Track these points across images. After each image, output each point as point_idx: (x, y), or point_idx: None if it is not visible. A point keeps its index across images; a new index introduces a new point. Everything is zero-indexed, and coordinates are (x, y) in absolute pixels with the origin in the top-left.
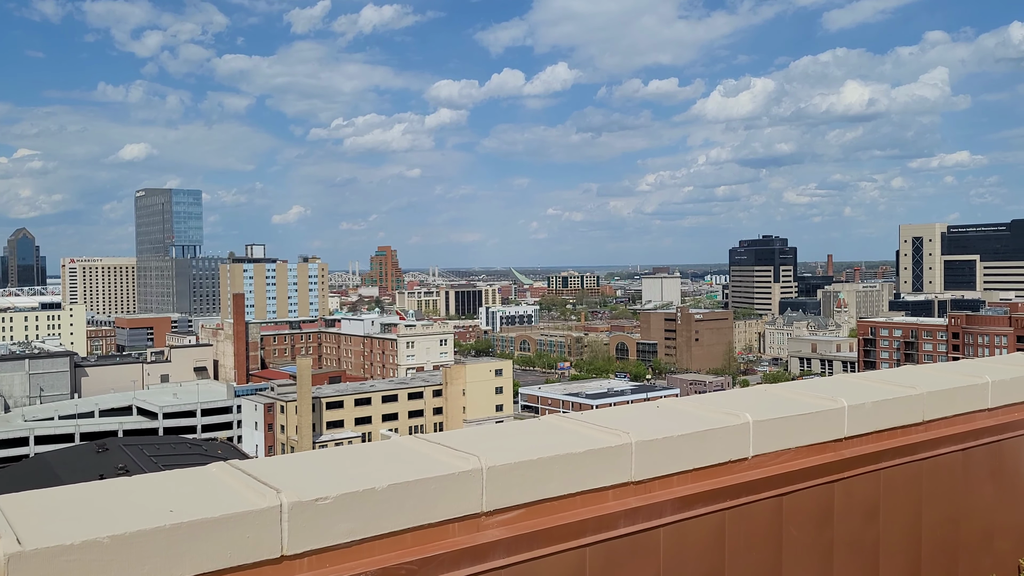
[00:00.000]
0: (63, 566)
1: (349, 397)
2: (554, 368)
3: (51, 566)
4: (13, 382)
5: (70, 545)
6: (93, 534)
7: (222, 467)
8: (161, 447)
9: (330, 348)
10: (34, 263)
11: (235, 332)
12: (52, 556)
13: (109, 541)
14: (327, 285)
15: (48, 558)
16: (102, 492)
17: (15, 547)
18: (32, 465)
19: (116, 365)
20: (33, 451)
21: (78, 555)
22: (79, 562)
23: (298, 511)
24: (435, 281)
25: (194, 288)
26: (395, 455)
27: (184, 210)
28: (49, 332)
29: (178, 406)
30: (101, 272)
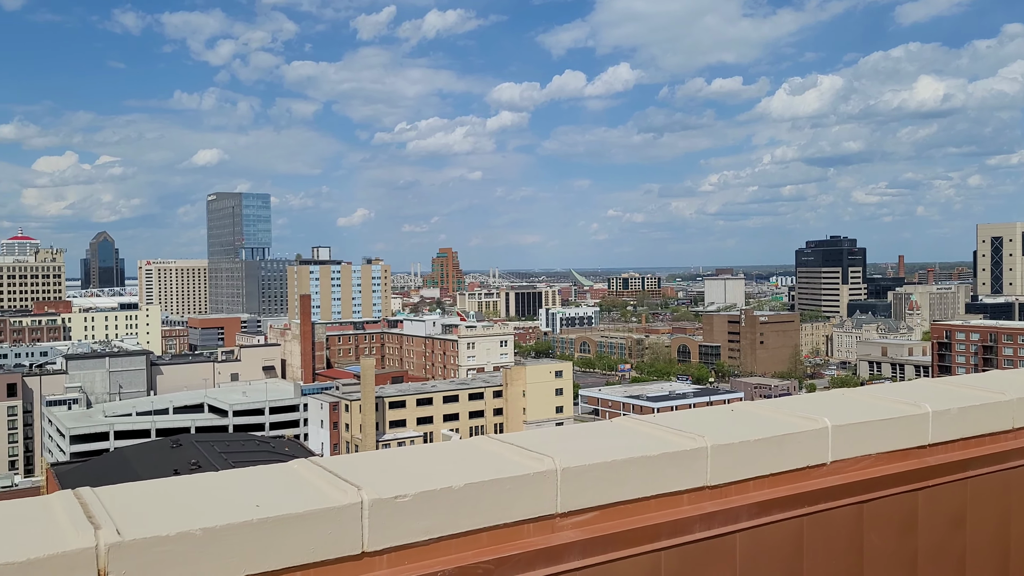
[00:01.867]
0: (158, 556)
1: (411, 397)
2: (614, 370)
3: (147, 556)
4: (95, 379)
5: (165, 536)
6: (186, 526)
7: (304, 463)
8: (231, 444)
9: (392, 348)
10: (114, 265)
11: (302, 332)
12: (149, 546)
13: (201, 533)
14: (390, 286)
15: (145, 548)
16: (192, 486)
17: (115, 537)
18: (112, 459)
19: (189, 364)
20: (113, 445)
21: (172, 546)
22: (173, 553)
23: (378, 508)
24: (495, 283)
25: (262, 289)
26: (469, 455)
27: (253, 213)
28: (127, 331)
29: (247, 404)
30: (175, 274)
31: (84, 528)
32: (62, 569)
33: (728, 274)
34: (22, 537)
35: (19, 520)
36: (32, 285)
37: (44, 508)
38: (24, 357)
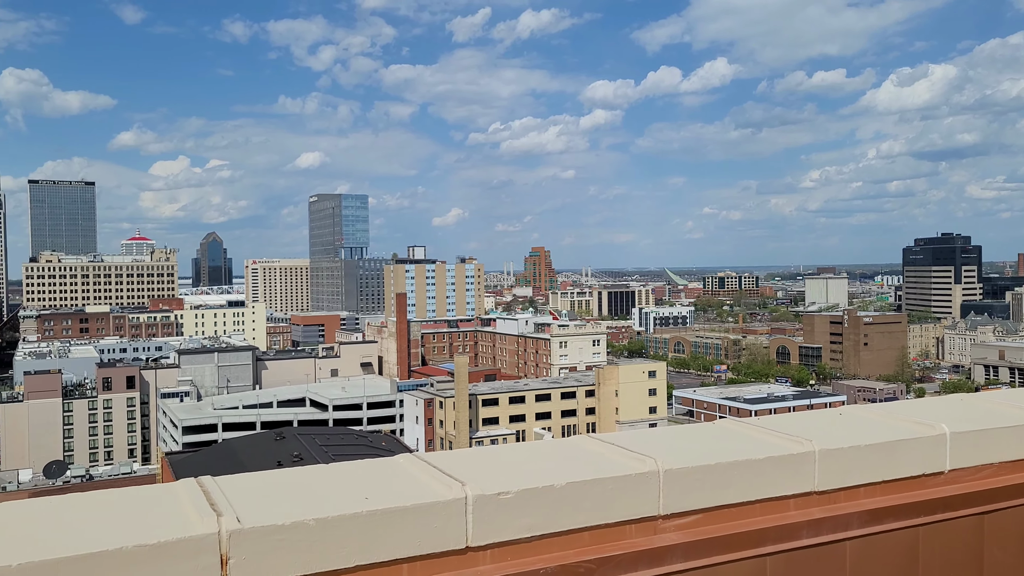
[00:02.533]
0: (275, 544)
1: (504, 395)
2: (710, 371)
3: (265, 543)
4: (204, 373)
5: (281, 525)
6: (301, 516)
7: (409, 458)
8: (331, 437)
9: (485, 347)
10: (222, 264)
11: (398, 330)
12: (267, 534)
13: (314, 523)
14: (483, 285)
15: (263, 536)
16: (304, 477)
17: (236, 524)
18: (221, 450)
19: (291, 359)
20: (221, 437)
21: (288, 535)
22: (288, 541)
23: (482, 504)
24: (588, 281)
25: (361, 287)
26: (570, 454)
27: (352, 214)
28: (235, 328)
29: (346, 399)
30: (279, 272)
31: (207, 515)
32: (189, 553)
33: (830, 273)
34: (152, 521)
35: (148, 505)
36: (148, 283)
37: (170, 495)
38: (141, 352)
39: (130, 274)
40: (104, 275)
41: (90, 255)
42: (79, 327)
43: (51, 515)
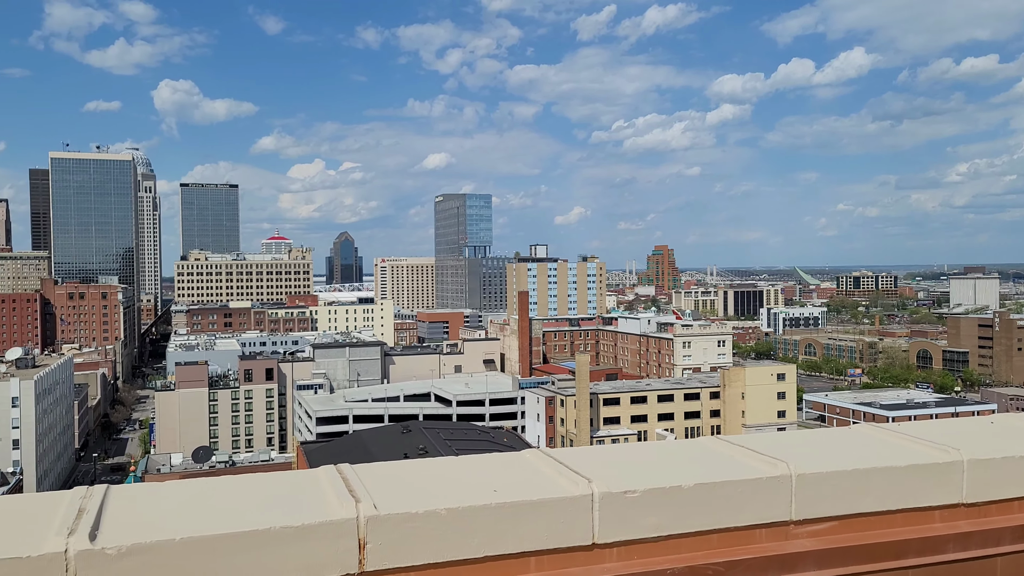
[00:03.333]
0: (408, 531)
1: (625, 395)
2: (843, 375)
3: (400, 530)
4: (336, 367)
5: (415, 513)
6: (433, 505)
7: (536, 453)
8: (455, 432)
9: (607, 346)
10: (353, 262)
11: (519, 328)
12: (401, 521)
13: (446, 513)
14: (604, 284)
15: (398, 523)
16: (435, 468)
17: (373, 511)
18: (351, 440)
19: (417, 355)
20: (352, 428)
21: (421, 523)
22: (422, 529)
23: (608, 501)
24: (713, 281)
25: (484, 286)
26: (698, 455)
27: (476, 213)
28: (364, 324)
29: (469, 395)
30: (406, 270)
31: (347, 500)
32: (330, 536)
33: (979, 272)
34: (296, 504)
35: (292, 489)
36: (285, 280)
37: (312, 480)
38: (279, 345)
39: (269, 272)
40: (246, 272)
41: (233, 254)
42: (223, 321)
43: (208, 495)
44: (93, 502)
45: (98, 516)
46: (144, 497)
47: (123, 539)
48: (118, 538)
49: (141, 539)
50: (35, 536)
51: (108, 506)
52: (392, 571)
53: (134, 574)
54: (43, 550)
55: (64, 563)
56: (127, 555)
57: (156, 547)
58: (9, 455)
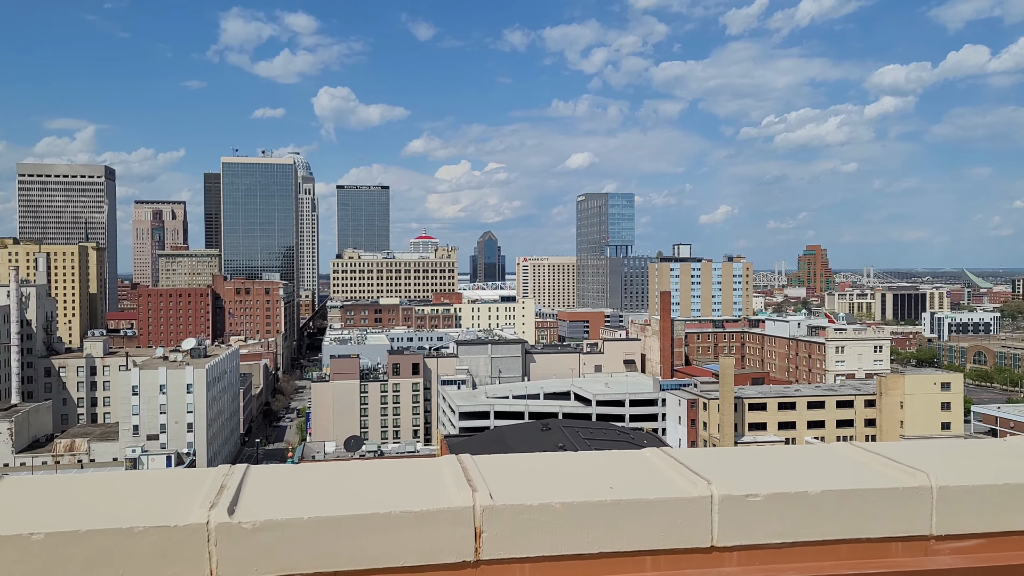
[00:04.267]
0: (522, 523)
1: (772, 400)
2: (1019, 386)
3: (515, 521)
4: (479, 363)
5: (529, 505)
6: (548, 499)
7: (655, 452)
8: (594, 431)
9: (753, 349)
10: (496, 261)
11: (661, 328)
12: (516, 513)
13: (560, 507)
14: (751, 285)
15: (513, 514)
16: (553, 462)
17: (488, 500)
18: (492, 436)
19: (557, 354)
20: (492, 424)
21: (536, 515)
22: (536, 521)
23: (728, 504)
24: (869, 282)
25: (625, 285)
26: (829, 461)
27: (618, 212)
28: (506, 321)
29: (609, 395)
30: (547, 269)
31: (464, 489)
32: (448, 523)
33: None
34: (416, 491)
35: (415, 476)
36: (431, 278)
37: (434, 468)
38: (425, 341)
39: (417, 270)
40: (395, 270)
41: (384, 252)
42: (374, 317)
43: (337, 478)
44: (233, 479)
45: (237, 492)
46: (279, 477)
47: (258, 514)
48: (253, 513)
49: (273, 516)
50: (182, 507)
51: (246, 484)
52: (507, 561)
53: (266, 547)
54: (188, 520)
55: (206, 533)
56: (260, 530)
57: (286, 524)
58: (183, 437)
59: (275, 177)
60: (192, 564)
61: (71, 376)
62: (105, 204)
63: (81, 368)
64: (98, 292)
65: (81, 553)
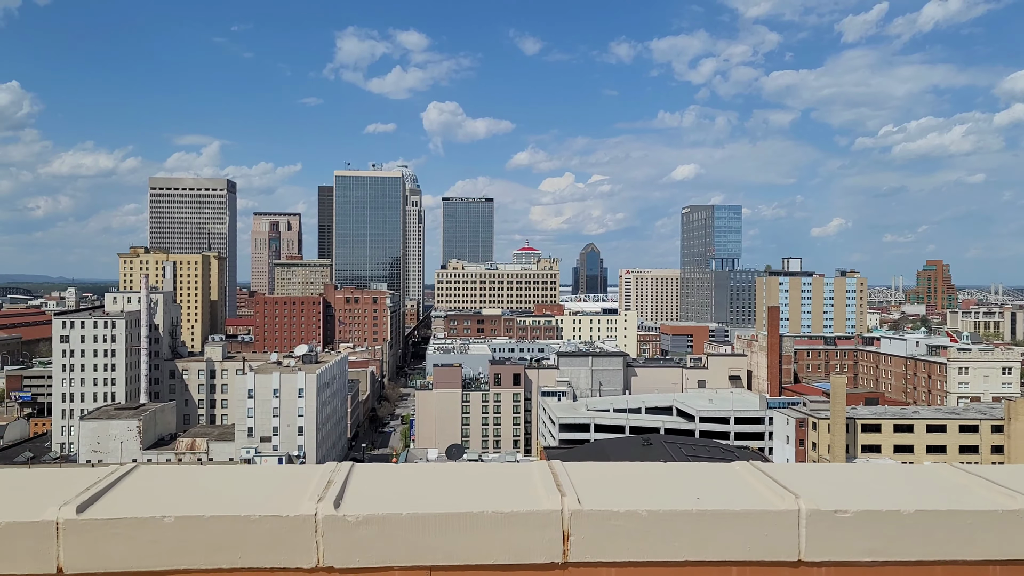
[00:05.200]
0: (610, 528)
1: (888, 421)
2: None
3: (601, 526)
4: (579, 375)
5: (616, 511)
6: (634, 506)
7: (745, 466)
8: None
9: (867, 367)
10: (598, 273)
11: (769, 344)
12: (603, 518)
13: (646, 515)
14: (865, 301)
15: (600, 519)
16: (641, 472)
17: (576, 505)
18: (592, 449)
19: (660, 368)
20: (593, 436)
21: (621, 521)
22: (622, 528)
23: (816, 519)
24: (998, 300)
25: (731, 299)
26: (925, 481)
27: (724, 225)
28: (608, 334)
29: (713, 411)
30: (650, 282)
31: (553, 493)
32: (536, 525)
33: None
34: (508, 493)
35: (507, 479)
36: (533, 289)
37: (526, 473)
38: (526, 352)
39: (519, 281)
40: (497, 281)
41: (487, 263)
42: (476, 327)
43: (435, 478)
44: (340, 475)
45: (343, 487)
46: (382, 475)
47: (361, 509)
48: (357, 508)
49: (375, 511)
50: (293, 500)
51: (352, 480)
52: (594, 564)
53: (367, 540)
54: (298, 511)
55: (314, 524)
56: (363, 523)
57: (386, 519)
58: (294, 440)
59: (384, 190)
60: (301, 552)
61: (192, 379)
62: (226, 215)
63: (202, 371)
64: (219, 299)
65: (205, 536)
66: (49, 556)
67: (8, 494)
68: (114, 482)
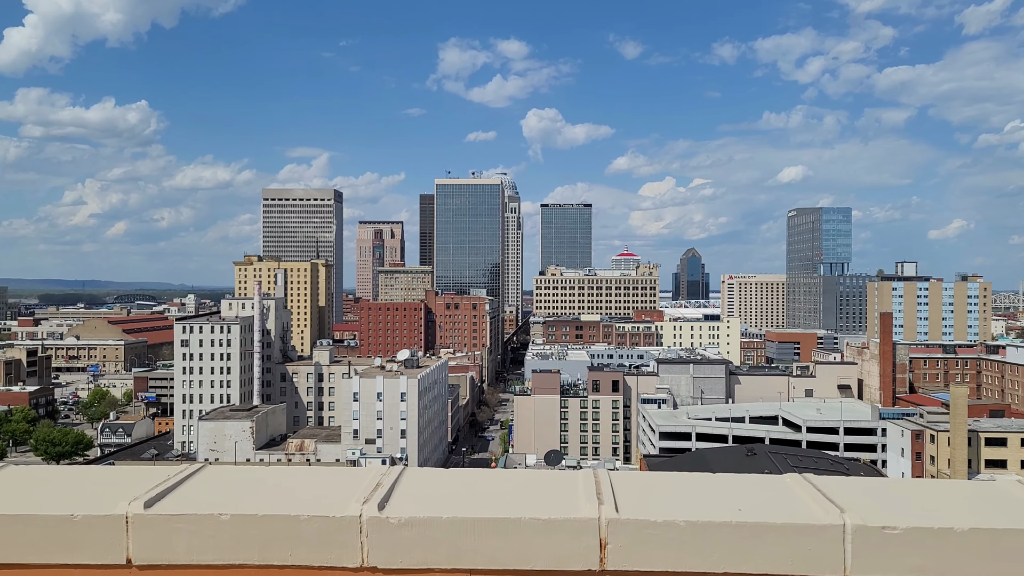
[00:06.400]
0: (647, 537)
1: (1015, 435)
2: None
3: (639, 535)
4: (680, 383)
5: (654, 521)
6: (672, 516)
7: (795, 478)
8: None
9: (991, 377)
10: (699, 279)
11: (881, 352)
12: (640, 527)
13: (684, 525)
14: (989, 306)
15: (637, 528)
16: (686, 482)
17: (613, 514)
18: (693, 458)
19: (764, 376)
20: (694, 445)
21: (659, 531)
22: (659, 537)
23: (862, 535)
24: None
25: (840, 305)
26: (987, 497)
27: (833, 228)
28: (709, 341)
29: (821, 422)
30: (754, 288)
31: (591, 501)
32: (573, 532)
33: None
34: (549, 500)
35: (550, 486)
36: (632, 296)
37: (570, 480)
38: (625, 358)
39: (618, 287)
40: (596, 287)
41: (586, 269)
42: (575, 333)
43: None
44: (389, 478)
45: (390, 490)
46: (430, 479)
47: (403, 511)
48: (400, 510)
49: (417, 513)
50: (342, 501)
51: (400, 483)
52: (632, 573)
53: (409, 541)
54: (344, 512)
55: (359, 525)
56: (405, 525)
57: (428, 521)
58: (397, 442)
59: (483, 197)
60: (348, 551)
61: (302, 382)
62: (333, 224)
63: (310, 374)
64: (326, 305)
65: (258, 534)
66: (119, 548)
67: (88, 489)
68: (182, 480)
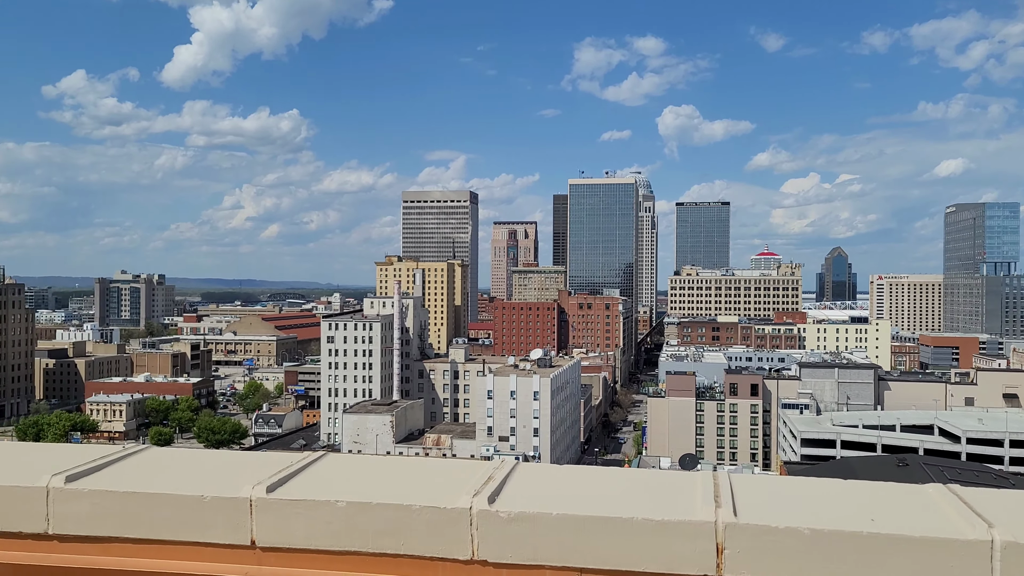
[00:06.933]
0: (767, 544)
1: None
2: None
3: (757, 541)
4: (824, 388)
5: (775, 527)
6: (797, 523)
7: (938, 489)
8: (962, 472)
9: None
10: (846, 279)
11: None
12: (760, 533)
13: (808, 533)
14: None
15: (756, 534)
16: (816, 488)
17: (731, 518)
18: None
19: (918, 382)
20: (839, 454)
21: (780, 538)
22: (780, 544)
23: (1013, 552)
24: None
25: (1006, 308)
26: None
27: (998, 224)
28: (856, 344)
29: (983, 432)
30: (907, 289)
31: (708, 504)
32: (688, 535)
33: None
34: (666, 501)
35: (668, 487)
36: (773, 296)
37: (689, 482)
38: (764, 362)
39: (757, 287)
40: (734, 288)
41: (723, 269)
42: (711, 335)
43: (593, 481)
44: (501, 472)
45: (501, 484)
46: (542, 474)
47: (513, 506)
48: (510, 504)
49: (526, 508)
50: (454, 492)
51: (512, 477)
52: None
53: (517, 536)
54: (455, 504)
55: (469, 517)
56: (514, 520)
57: (536, 517)
58: (530, 441)
59: (617, 197)
60: (458, 543)
61: (438, 378)
62: (469, 225)
63: (447, 372)
64: (462, 304)
65: (371, 522)
66: (244, 529)
67: (219, 472)
68: (304, 467)
